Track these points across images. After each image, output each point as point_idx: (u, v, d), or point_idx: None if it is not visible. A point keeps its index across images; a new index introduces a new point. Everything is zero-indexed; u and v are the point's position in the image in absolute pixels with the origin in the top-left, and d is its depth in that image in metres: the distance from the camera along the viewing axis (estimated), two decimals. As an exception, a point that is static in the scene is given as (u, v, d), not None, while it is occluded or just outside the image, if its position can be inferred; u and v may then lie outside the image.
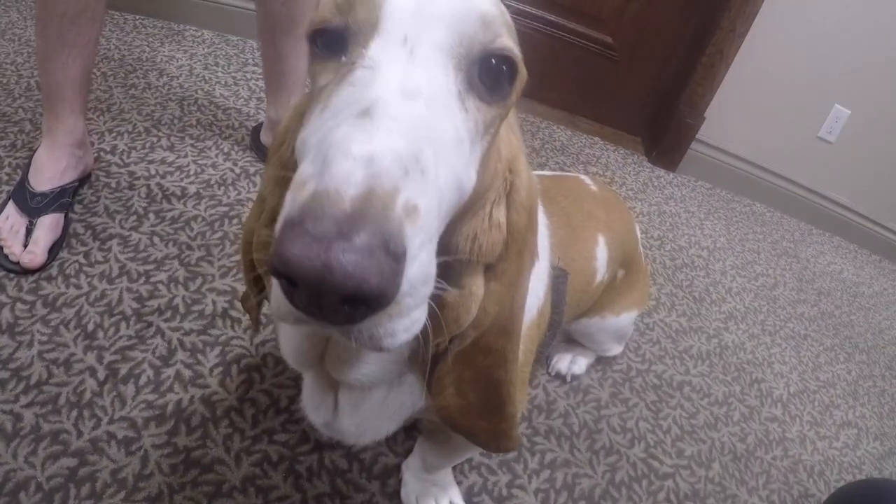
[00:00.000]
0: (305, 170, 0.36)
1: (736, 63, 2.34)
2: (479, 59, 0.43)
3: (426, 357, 0.59)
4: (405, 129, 0.36)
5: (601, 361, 1.42)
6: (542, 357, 0.95)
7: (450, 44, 0.42)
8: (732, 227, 2.38)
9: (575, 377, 1.35)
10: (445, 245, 0.50)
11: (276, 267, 0.32)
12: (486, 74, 0.44)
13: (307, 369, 0.68)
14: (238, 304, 1.18)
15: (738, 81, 2.40)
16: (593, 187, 1.18)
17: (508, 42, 0.44)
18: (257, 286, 0.64)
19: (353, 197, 0.32)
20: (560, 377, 1.34)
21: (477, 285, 0.54)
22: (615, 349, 1.39)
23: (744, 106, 2.48)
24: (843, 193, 2.70)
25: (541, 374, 1.33)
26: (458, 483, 1.05)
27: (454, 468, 1.06)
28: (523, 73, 0.46)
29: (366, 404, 0.67)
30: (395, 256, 0.32)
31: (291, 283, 0.32)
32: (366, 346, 0.37)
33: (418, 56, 0.41)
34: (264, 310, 0.77)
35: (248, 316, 1.12)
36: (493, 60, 0.43)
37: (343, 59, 0.43)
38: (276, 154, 0.56)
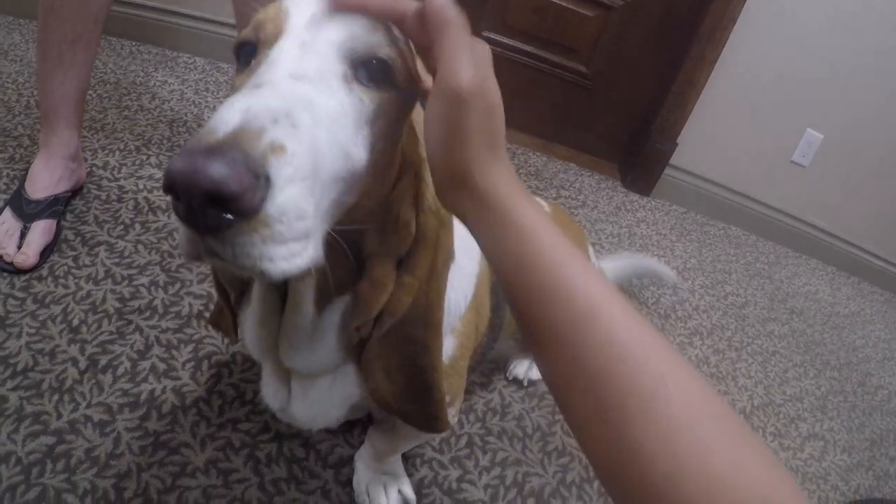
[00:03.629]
0: None
1: (707, 89, 2.41)
2: (362, 59, 0.51)
3: (352, 340, 0.68)
4: (283, 93, 0.45)
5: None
6: (483, 357, 1.02)
7: (339, 40, 0.50)
8: (705, 248, 2.43)
9: (532, 382, 1.40)
10: (355, 237, 0.59)
11: (164, 183, 0.39)
12: (368, 71, 0.51)
13: (266, 359, 0.75)
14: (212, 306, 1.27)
15: (710, 107, 2.46)
16: (546, 208, 1.23)
17: (387, 51, 0.52)
18: (224, 294, 0.74)
19: (226, 132, 0.39)
20: (517, 382, 1.39)
21: (387, 276, 0.62)
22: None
23: (717, 131, 2.54)
24: (820, 216, 2.74)
25: (497, 379, 1.39)
26: (410, 475, 1.10)
27: (406, 461, 1.12)
28: (405, 70, 0.54)
29: (314, 391, 0.74)
30: (255, 174, 0.38)
31: (176, 198, 0.39)
32: (247, 269, 0.42)
33: (310, 50, 0.49)
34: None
35: (221, 335, 1.22)
36: (375, 61, 0.51)
37: (252, 63, 0.52)
38: None
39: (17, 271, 1.23)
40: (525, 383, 1.39)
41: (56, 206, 1.33)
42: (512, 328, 1.11)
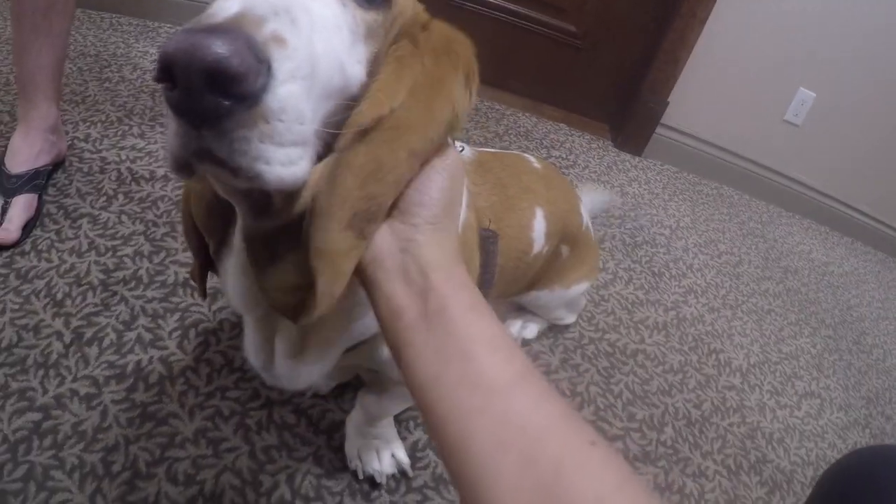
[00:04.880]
0: None
1: (698, 48, 2.38)
2: None
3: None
4: None
5: (553, 329, 1.47)
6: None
7: None
8: (698, 208, 2.42)
9: (526, 342, 1.40)
10: None
11: (158, 63, 0.37)
12: None
13: (249, 311, 0.70)
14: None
15: (701, 66, 2.44)
16: (535, 164, 1.22)
17: None
18: (200, 248, 0.69)
19: (226, 16, 0.38)
20: (510, 342, 1.39)
21: None
22: (568, 318, 1.45)
23: (708, 90, 2.52)
24: (813, 176, 2.73)
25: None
26: (403, 439, 1.09)
27: (398, 424, 1.11)
28: None
29: (298, 347, 0.69)
30: (258, 57, 0.37)
31: (171, 82, 0.37)
32: (243, 171, 0.40)
33: None
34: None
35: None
36: None
37: None
38: None
39: (-1, 247, 1.21)
40: (519, 343, 1.38)
41: (37, 180, 1.31)
42: (503, 288, 1.10)
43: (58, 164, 1.41)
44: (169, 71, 0.36)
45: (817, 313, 2.08)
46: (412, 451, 1.10)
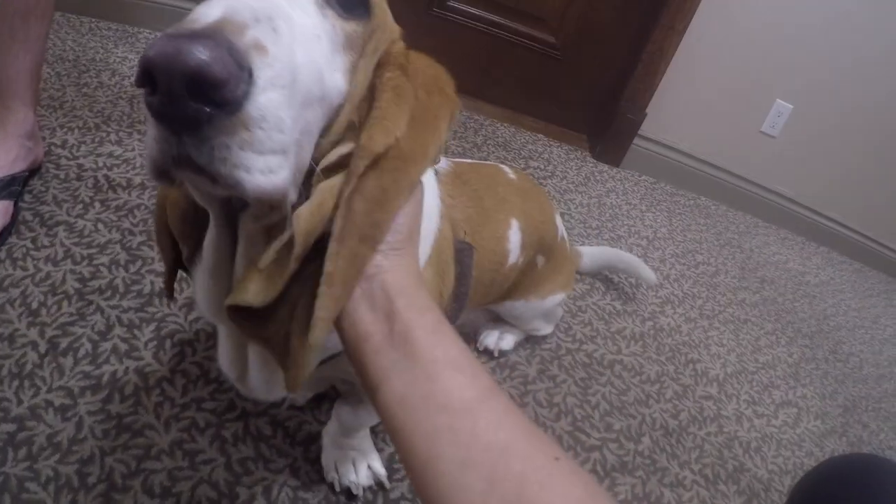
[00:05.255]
0: None
1: (676, 59, 2.41)
2: None
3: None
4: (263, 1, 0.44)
5: (530, 340, 1.47)
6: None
7: None
8: (675, 218, 2.44)
9: (503, 353, 1.40)
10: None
11: (139, 68, 0.37)
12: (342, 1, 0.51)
13: (220, 320, 0.67)
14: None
15: (679, 77, 2.46)
16: (511, 175, 1.23)
17: None
18: (172, 251, 0.68)
19: (207, 22, 0.38)
20: (487, 353, 1.39)
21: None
22: (545, 329, 1.45)
23: (686, 101, 2.55)
24: (789, 186, 2.77)
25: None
26: (380, 450, 1.09)
27: (375, 435, 1.11)
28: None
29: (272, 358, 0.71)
30: (239, 64, 0.38)
31: (151, 87, 0.37)
32: (222, 178, 0.40)
33: None
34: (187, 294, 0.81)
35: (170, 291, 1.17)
36: None
37: None
38: None
39: (-28, 255, 1.19)
40: (496, 353, 1.39)
41: (13, 187, 1.29)
42: (479, 299, 1.10)
43: (34, 171, 1.40)
44: (150, 75, 0.37)
45: (794, 322, 2.10)
46: (389, 463, 1.10)
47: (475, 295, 1.01)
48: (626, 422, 1.39)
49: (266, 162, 0.41)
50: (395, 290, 0.50)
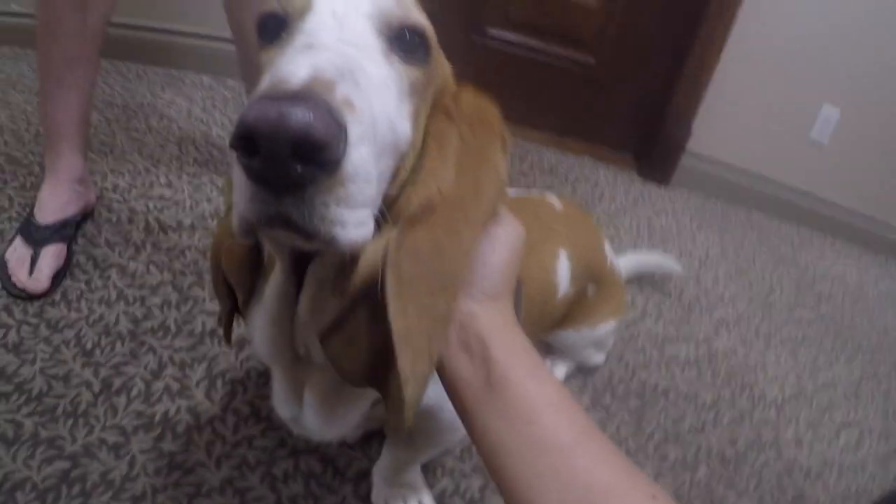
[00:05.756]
0: (255, 91, 0.42)
1: (718, 72, 2.36)
2: (396, 33, 0.51)
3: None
4: (341, 52, 0.44)
5: (582, 370, 1.45)
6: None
7: (371, 15, 0.50)
8: (726, 236, 2.38)
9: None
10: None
11: (237, 133, 0.36)
12: (403, 45, 0.51)
13: (277, 362, 0.71)
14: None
15: (722, 90, 2.41)
16: (558, 206, 1.22)
17: (419, 17, 0.52)
18: (228, 298, 0.69)
19: (300, 82, 0.38)
20: (538, 383, 1.37)
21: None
22: (596, 357, 1.42)
23: (731, 114, 2.49)
24: (843, 195, 2.67)
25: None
26: (430, 486, 1.09)
27: (426, 472, 1.10)
28: (434, 41, 0.54)
29: (327, 398, 0.70)
30: (338, 123, 0.37)
31: (250, 151, 0.37)
32: (319, 235, 0.40)
33: (347, 24, 0.48)
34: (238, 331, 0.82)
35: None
36: (406, 34, 0.51)
37: (283, 36, 0.50)
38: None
39: (29, 297, 1.23)
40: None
41: (65, 230, 1.33)
42: (527, 331, 1.08)
43: (87, 215, 1.44)
44: (251, 140, 0.36)
45: (853, 338, 2.02)
46: (440, 499, 1.09)
47: (523, 329, 1.00)
48: (681, 451, 1.35)
49: (358, 216, 0.41)
50: (489, 335, 0.51)
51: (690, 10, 2.34)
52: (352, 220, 0.41)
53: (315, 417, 0.71)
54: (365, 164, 0.41)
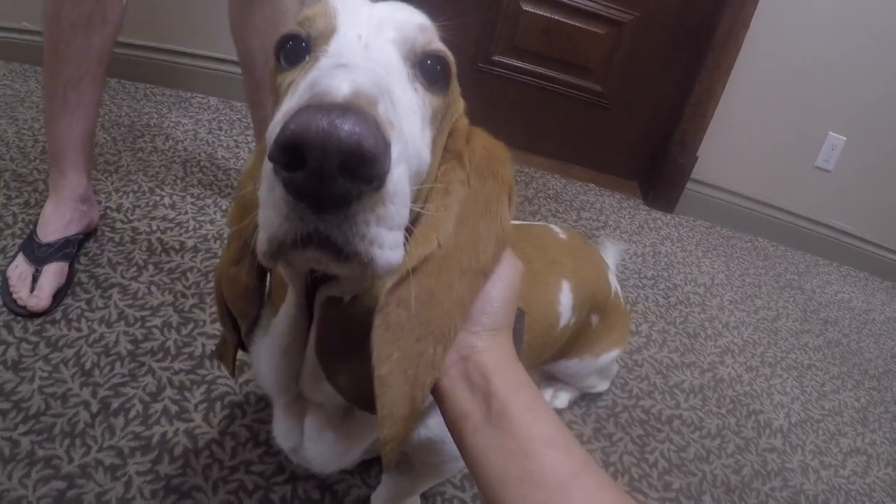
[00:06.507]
0: (289, 105, 0.41)
1: (724, 99, 2.37)
2: (420, 59, 0.51)
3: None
4: (375, 71, 0.43)
5: (585, 398, 1.43)
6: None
7: (397, 41, 0.49)
8: (732, 262, 2.38)
9: (557, 412, 1.37)
10: None
11: (281, 143, 0.34)
12: (426, 72, 0.51)
13: (281, 394, 0.70)
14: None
15: (728, 118, 2.42)
16: (561, 235, 1.22)
17: (441, 45, 0.52)
18: (232, 327, 0.69)
19: (345, 95, 0.37)
20: (541, 410, 1.35)
21: None
22: (600, 386, 1.41)
23: (737, 141, 2.50)
24: (848, 221, 2.68)
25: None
26: (430, 514, 1.07)
27: (426, 500, 1.09)
28: (454, 70, 0.54)
29: (329, 432, 0.70)
30: (384, 138, 0.36)
31: (294, 165, 0.35)
32: (357, 255, 0.38)
33: (373, 47, 0.48)
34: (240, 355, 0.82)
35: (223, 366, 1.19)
36: (429, 61, 0.51)
37: (306, 59, 0.50)
38: (239, 195, 0.61)
39: (30, 315, 1.22)
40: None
41: (67, 249, 1.33)
42: (529, 362, 1.07)
43: (90, 233, 1.44)
44: (296, 151, 0.34)
45: (860, 364, 2.01)
46: (440, 527, 1.07)
47: (526, 359, 0.99)
48: (685, 479, 1.33)
49: (394, 237, 0.40)
50: (490, 369, 0.52)
51: (697, 39, 2.36)
52: (389, 241, 0.40)
53: (316, 451, 0.71)
54: (403, 185, 0.40)
